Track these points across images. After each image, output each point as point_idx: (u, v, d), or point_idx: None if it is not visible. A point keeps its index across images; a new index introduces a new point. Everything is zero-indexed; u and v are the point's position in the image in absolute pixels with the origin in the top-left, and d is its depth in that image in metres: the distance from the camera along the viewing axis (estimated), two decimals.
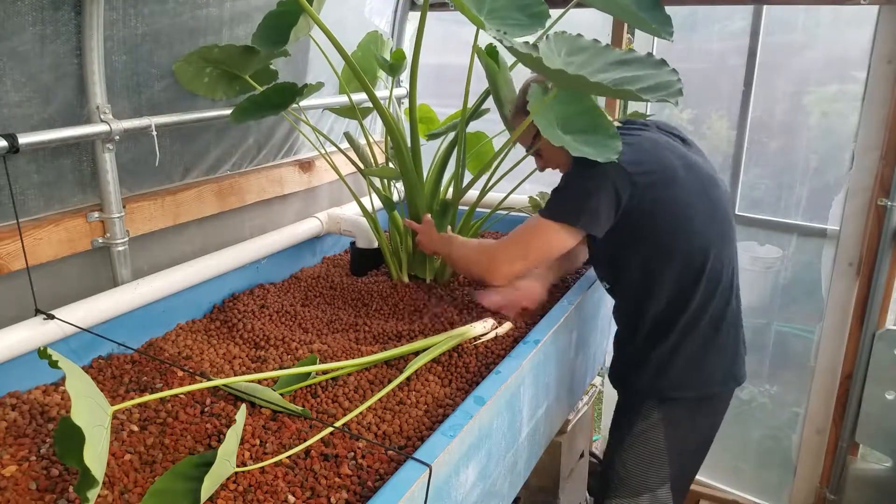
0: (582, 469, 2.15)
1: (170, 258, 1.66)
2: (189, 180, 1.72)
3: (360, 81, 1.57)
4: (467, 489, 1.13)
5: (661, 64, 1.32)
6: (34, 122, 1.32)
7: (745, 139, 2.12)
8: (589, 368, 1.92)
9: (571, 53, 1.35)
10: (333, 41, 1.51)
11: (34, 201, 1.38)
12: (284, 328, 1.59)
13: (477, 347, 1.47)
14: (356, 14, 2.15)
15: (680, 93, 1.23)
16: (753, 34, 2.02)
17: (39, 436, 1.12)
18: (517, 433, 1.35)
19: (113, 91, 1.44)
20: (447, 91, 2.39)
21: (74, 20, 1.33)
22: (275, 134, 1.96)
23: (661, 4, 1.48)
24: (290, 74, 1.88)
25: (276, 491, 1.00)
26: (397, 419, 1.21)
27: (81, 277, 1.47)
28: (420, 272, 1.87)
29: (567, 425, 1.89)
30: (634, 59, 1.34)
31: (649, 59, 1.33)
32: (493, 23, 1.42)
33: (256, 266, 1.83)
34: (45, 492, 1.00)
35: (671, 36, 1.45)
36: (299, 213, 2.09)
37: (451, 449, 1.03)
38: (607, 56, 1.35)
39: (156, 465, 1.06)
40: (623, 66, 1.33)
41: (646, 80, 1.27)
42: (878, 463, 2.02)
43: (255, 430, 1.15)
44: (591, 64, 1.33)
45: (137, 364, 1.39)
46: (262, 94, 1.61)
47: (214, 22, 1.63)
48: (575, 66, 1.30)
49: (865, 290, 1.90)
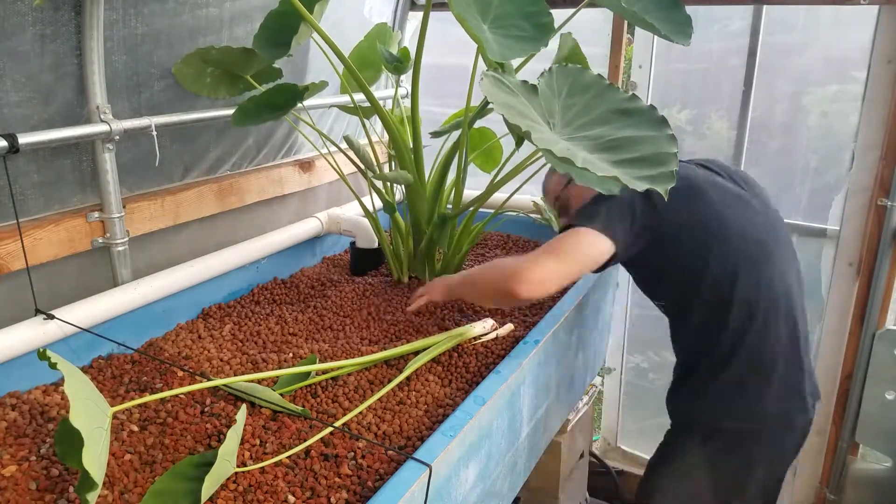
0: (582, 469, 2.15)
1: (170, 258, 1.66)
2: (189, 180, 1.72)
3: (359, 84, 1.57)
4: (467, 489, 1.13)
5: (662, 124, 1.22)
6: (34, 122, 1.32)
7: (745, 139, 2.11)
8: (589, 368, 1.92)
9: (572, 93, 1.28)
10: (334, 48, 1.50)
11: (34, 201, 1.38)
12: (284, 328, 1.59)
13: (476, 347, 1.47)
14: (356, 14, 2.15)
15: (671, 178, 1.10)
16: (753, 34, 2.02)
17: (39, 436, 1.12)
18: (517, 433, 1.35)
19: (113, 91, 1.44)
20: (447, 91, 2.39)
21: (74, 20, 1.33)
22: (275, 134, 1.96)
23: (680, 4, 1.44)
24: (290, 73, 1.88)
25: (276, 491, 1.00)
26: (397, 419, 1.21)
27: (81, 277, 1.47)
28: (420, 272, 1.87)
29: (567, 425, 1.89)
30: (637, 110, 1.25)
31: (651, 114, 1.24)
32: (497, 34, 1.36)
33: (256, 266, 1.83)
34: (45, 492, 1.00)
35: (689, 39, 1.42)
36: (299, 213, 2.09)
37: (451, 449, 1.03)
38: (609, 101, 1.28)
39: (156, 465, 1.06)
40: (623, 119, 1.24)
41: (641, 146, 1.18)
42: (878, 463, 2.02)
43: (255, 430, 1.15)
44: (591, 110, 1.26)
45: (137, 364, 1.39)
46: (263, 95, 1.60)
47: (214, 22, 1.63)
48: (574, 112, 1.25)
49: (865, 291, 1.90)
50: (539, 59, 1.59)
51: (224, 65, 1.62)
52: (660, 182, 1.08)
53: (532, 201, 2.17)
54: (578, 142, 1.18)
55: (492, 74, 1.22)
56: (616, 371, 2.53)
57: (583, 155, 1.10)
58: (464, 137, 1.70)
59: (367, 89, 1.59)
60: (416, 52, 1.56)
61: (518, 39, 1.37)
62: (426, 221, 1.78)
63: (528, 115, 1.18)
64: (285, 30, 1.53)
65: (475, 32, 1.30)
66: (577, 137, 1.20)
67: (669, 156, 1.14)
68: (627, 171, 1.10)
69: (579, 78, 1.31)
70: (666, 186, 1.07)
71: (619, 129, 1.22)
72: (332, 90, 1.99)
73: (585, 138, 1.20)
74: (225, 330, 1.55)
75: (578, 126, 1.23)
